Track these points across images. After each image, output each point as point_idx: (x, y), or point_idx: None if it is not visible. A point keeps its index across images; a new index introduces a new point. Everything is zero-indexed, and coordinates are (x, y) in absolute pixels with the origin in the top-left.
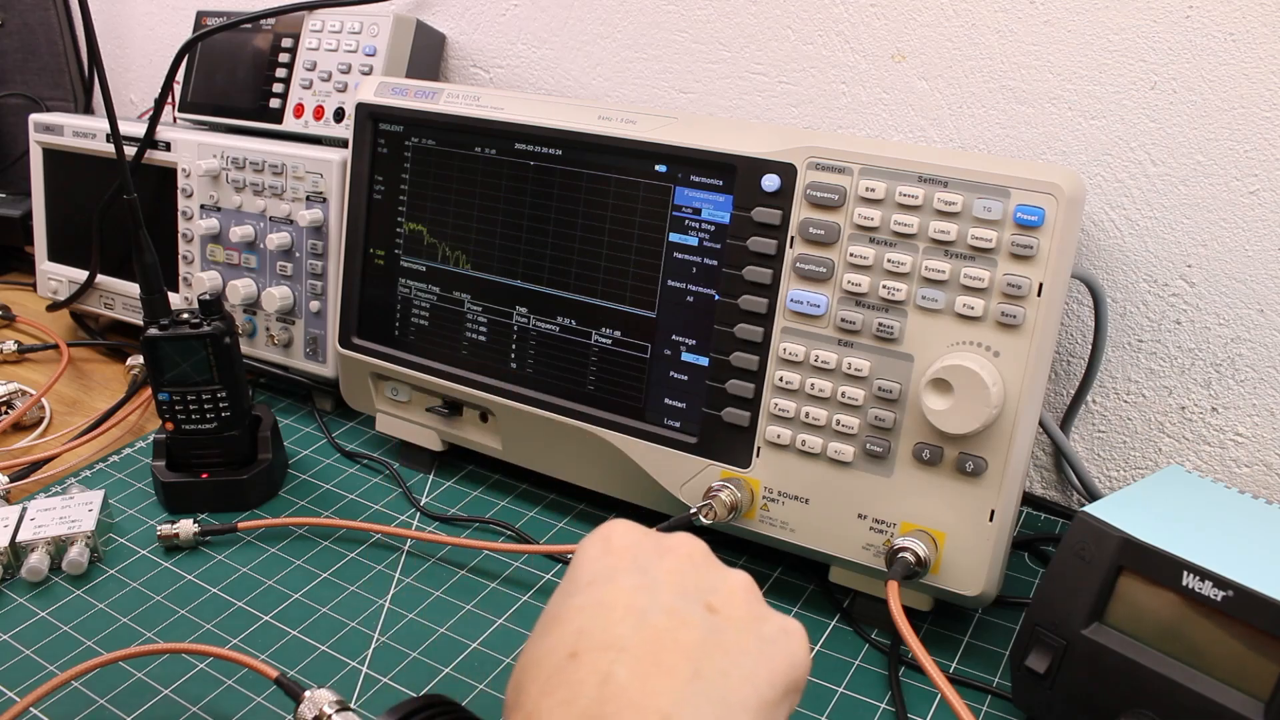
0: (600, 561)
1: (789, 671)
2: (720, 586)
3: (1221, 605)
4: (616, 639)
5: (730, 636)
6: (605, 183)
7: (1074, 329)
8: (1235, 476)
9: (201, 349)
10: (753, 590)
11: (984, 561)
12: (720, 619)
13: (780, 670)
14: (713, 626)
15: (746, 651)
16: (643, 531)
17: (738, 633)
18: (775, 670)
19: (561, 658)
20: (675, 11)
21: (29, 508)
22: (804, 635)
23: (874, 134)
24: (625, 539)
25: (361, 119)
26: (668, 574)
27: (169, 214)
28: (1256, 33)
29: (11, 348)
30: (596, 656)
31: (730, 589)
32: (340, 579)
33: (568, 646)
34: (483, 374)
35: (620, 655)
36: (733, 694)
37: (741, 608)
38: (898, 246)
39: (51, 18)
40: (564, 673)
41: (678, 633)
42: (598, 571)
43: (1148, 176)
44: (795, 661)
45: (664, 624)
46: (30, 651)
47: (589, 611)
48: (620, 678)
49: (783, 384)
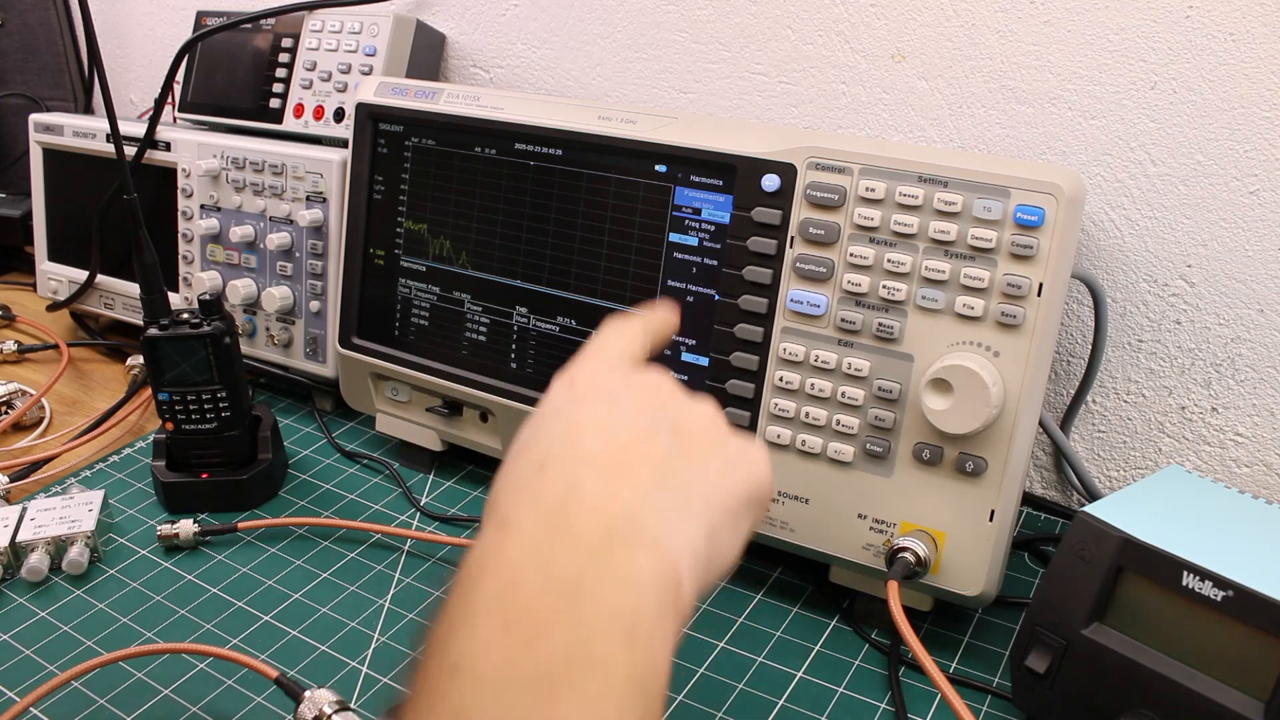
0: (567, 393)
1: (750, 483)
2: (687, 412)
3: (1221, 605)
4: (584, 452)
5: (695, 451)
6: (605, 183)
7: (1074, 329)
8: (1235, 476)
9: (201, 349)
10: (718, 417)
11: (984, 561)
12: (685, 438)
13: (741, 481)
14: (678, 443)
15: (710, 464)
16: (610, 365)
17: (702, 449)
18: (737, 481)
19: (531, 471)
20: (675, 11)
21: (29, 508)
22: (766, 455)
23: (874, 134)
24: (593, 373)
25: (361, 119)
26: (635, 401)
27: (169, 214)
28: (1256, 33)
29: (11, 348)
30: (563, 467)
31: (697, 414)
32: (340, 579)
33: (537, 461)
34: (483, 374)
35: (587, 466)
36: (695, 497)
37: (707, 430)
38: (898, 246)
39: (51, 18)
40: (533, 483)
41: (643, 447)
42: (565, 402)
43: (1148, 176)
44: (756, 474)
45: (630, 440)
46: (30, 651)
47: (558, 433)
48: (585, 482)
49: (783, 384)
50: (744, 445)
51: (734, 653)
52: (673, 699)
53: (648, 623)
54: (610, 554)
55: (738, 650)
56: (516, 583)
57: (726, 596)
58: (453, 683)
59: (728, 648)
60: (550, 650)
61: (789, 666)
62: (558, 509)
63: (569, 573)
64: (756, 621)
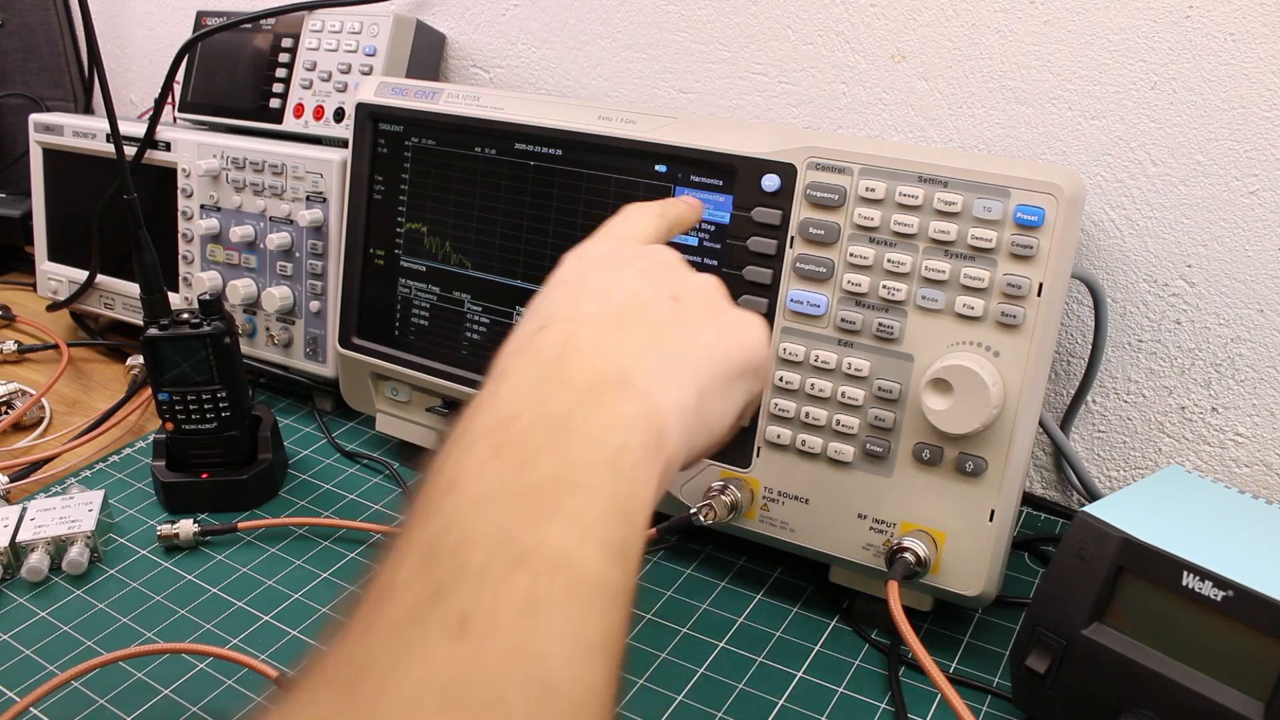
0: (575, 266)
1: (745, 351)
2: (688, 283)
3: (1221, 605)
4: (582, 313)
5: (691, 317)
6: (605, 183)
7: (1074, 329)
8: (1235, 476)
9: (201, 349)
10: (719, 288)
11: (984, 561)
12: (683, 305)
13: (736, 348)
14: (676, 310)
15: (705, 329)
16: (616, 240)
17: (698, 316)
18: (731, 348)
19: (532, 331)
20: (675, 11)
21: (29, 508)
22: (764, 327)
23: (874, 134)
24: (601, 249)
25: (361, 119)
26: (638, 272)
27: (169, 214)
28: (1256, 33)
29: (11, 348)
30: (562, 325)
31: (697, 285)
32: (340, 579)
33: (538, 325)
34: (483, 374)
35: (584, 324)
36: (686, 357)
37: (707, 299)
38: (898, 246)
39: (51, 18)
40: (533, 340)
41: (641, 310)
42: (571, 274)
43: (1148, 176)
44: (753, 343)
45: (628, 303)
46: (30, 651)
47: (560, 299)
48: (581, 338)
49: (783, 384)
50: (742, 315)
51: (734, 653)
52: (672, 699)
53: (631, 458)
54: (600, 397)
55: (738, 650)
56: (509, 417)
57: (726, 596)
58: (447, 498)
59: (728, 648)
60: (539, 473)
61: (789, 666)
62: (553, 361)
63: (560, 410)
64: (756, 621)
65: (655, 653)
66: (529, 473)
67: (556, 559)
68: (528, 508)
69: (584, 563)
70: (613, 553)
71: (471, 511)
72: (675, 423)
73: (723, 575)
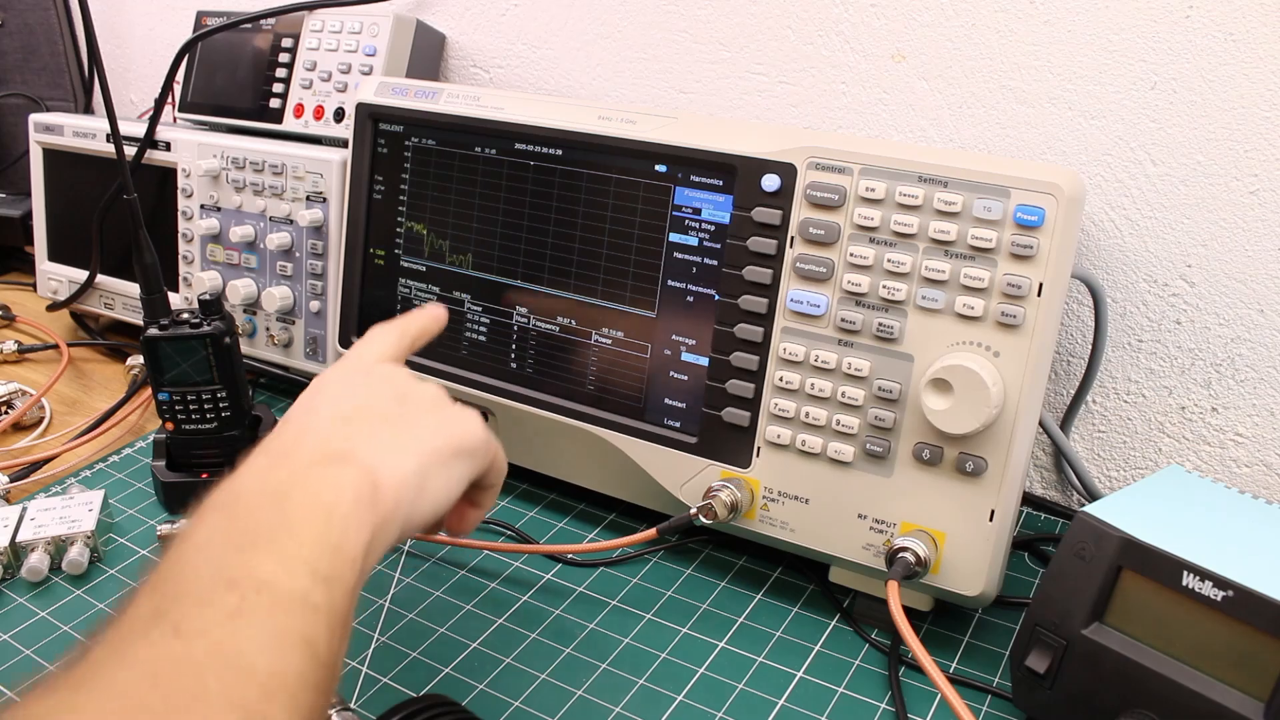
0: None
1: (461, 436)
2: (414, 389)
3: (1221, 605)
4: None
5: (414, 413)
6: (605, 183)
7: (1074, 329)
8: (1235, 476)
9: (201, 349)
10: (441, 395)
11: (984, 561)
12: (408, 404)
13: (453, 434)
14: (402, 408)
15: (426, 420)
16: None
17: (421, 410)
18: (450, 434)
19: (272, 437)
20: (675, 11)
21: (29, 508)
22: (479, 419)
23: (874, 134)
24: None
25: (361, 119)
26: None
27: (169, 214)
28: (1256, 33)
29: (11, 348)
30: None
31: (422, 389)
32: None
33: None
34: (483, 374)
35: (316, 421)
36: (409, 442)
37: (430, 399)
38: (898, 246)
39: (51, 18)
40: (270, 442)
41: (369, 409)
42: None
43: (1148, 176)
44: (468, 430)
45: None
46: (30, 651)
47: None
48: (312, 430)
49: (783, 384)
50: (461, 410)
51: (734, 653)
52: (672, 699)
53: (344, 509)
54: (322, 469)
55: (738, 650)
56: (238, 492)
57: (727, 596)
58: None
59: (728, 648)
60: (255, 523)
61: (789, 666)
62: (282, 452)
63: (283, 483)
64: (756, 621)
65: (655, 653)
66: (247, 523)
67: (263, 582)
68: (243, 548)
69: (288, 585)
70: (318, 579)
71: (194, 553)
72: (393, 486)
73: (723, 575)
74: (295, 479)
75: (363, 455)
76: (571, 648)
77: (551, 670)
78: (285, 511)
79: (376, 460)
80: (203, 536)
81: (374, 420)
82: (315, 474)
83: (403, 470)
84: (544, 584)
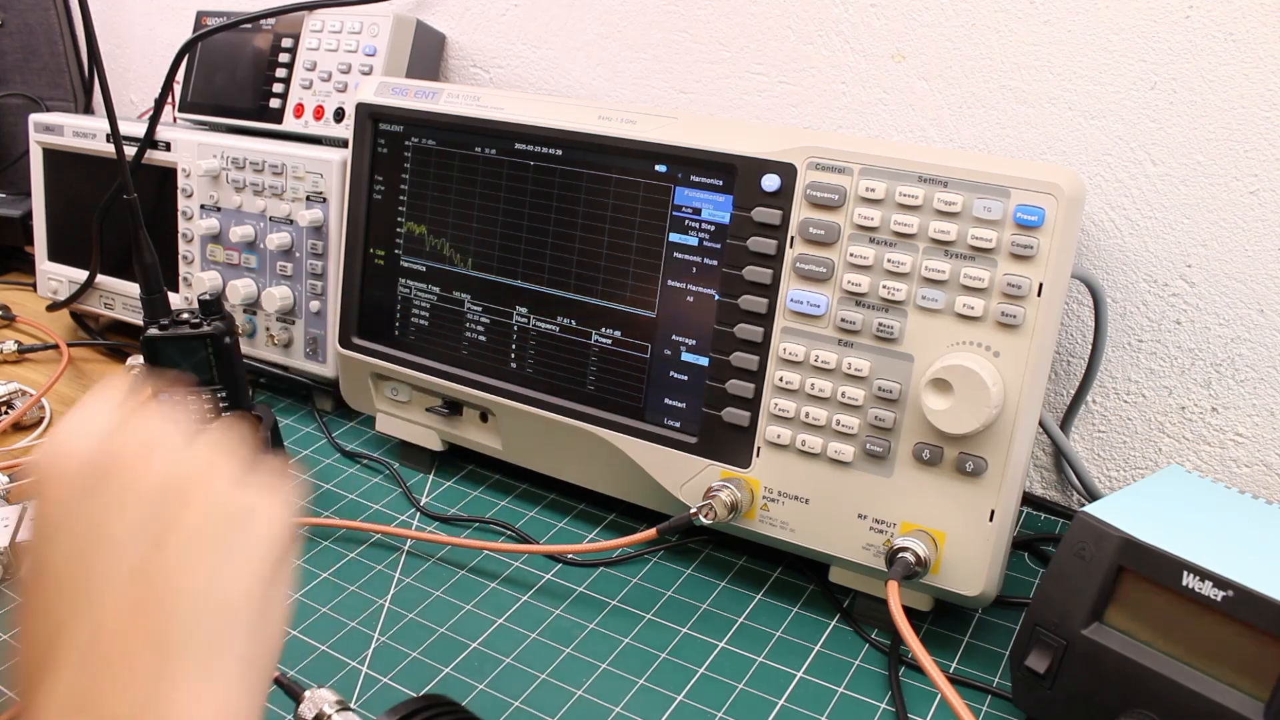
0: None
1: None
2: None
3: (1221, 605)
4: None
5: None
6: (605, 183)
7: (1074, 329)
8: (1235, 476)
9: (201, 349)
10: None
11: (984, 561)
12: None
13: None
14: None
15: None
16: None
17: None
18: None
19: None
20: (675, 11)
21: (29, 508)
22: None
23: (874, 134)
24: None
25: (361, 119)
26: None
27: (169, 214)
28: (1256, 33)
29: (11, 348)
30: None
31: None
32: (340, 579)
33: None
34: (483, 374)
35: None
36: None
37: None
38: (898, 246)
39: (51, 18)
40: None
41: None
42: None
43: (1148, 176)
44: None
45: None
46: None
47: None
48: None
49: (783, 384)
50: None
51: (734, 653)
52: (672, 699)
53: None
54: None
55: (738, 650)
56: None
57: (726, 596)
58: None
59: (728, 648)
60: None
61: (789, 666)
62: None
63: None
64: (756, 621)
65: (655, 653)
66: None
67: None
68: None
69: None
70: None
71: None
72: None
73: (723, 575)
74: None
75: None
76: (571, 648)
77: (551, 670)
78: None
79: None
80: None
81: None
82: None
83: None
84: (544, 584)
